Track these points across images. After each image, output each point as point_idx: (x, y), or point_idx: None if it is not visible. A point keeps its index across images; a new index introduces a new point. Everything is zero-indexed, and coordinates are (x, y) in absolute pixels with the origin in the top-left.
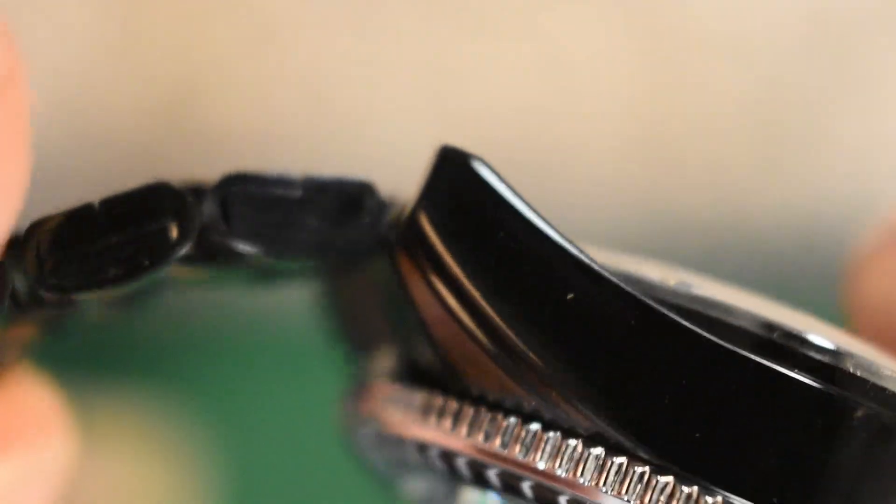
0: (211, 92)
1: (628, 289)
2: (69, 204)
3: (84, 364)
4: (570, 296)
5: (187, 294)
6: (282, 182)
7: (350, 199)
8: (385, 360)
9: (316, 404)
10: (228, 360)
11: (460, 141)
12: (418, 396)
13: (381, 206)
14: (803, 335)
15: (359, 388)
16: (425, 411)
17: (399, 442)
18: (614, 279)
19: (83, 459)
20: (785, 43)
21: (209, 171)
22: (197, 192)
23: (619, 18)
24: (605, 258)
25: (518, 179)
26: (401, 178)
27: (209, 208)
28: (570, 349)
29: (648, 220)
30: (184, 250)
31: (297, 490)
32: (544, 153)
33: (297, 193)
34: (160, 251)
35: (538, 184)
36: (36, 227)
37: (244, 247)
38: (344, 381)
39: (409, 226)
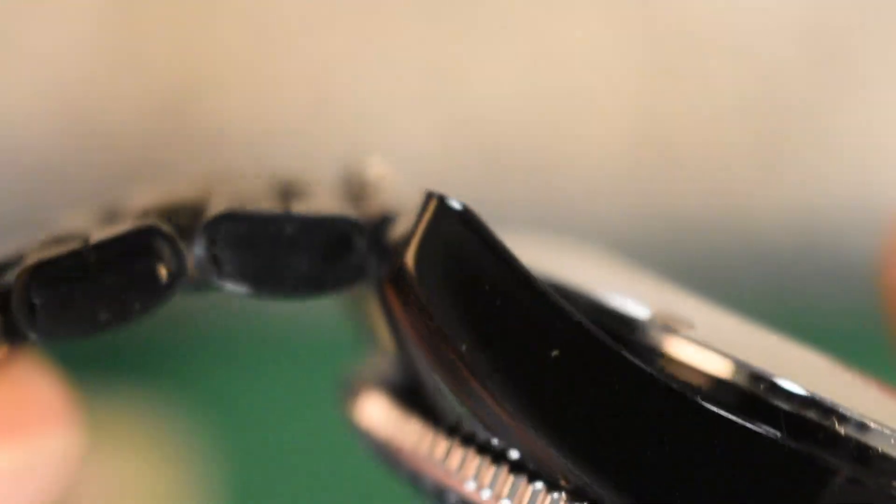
0: (211, 92)
1: (616, 347)
2: (69, 203)
3: (84, 363)
4: (554, 353)
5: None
6: (270, 220)
7: (339, 238)
8: (383, 364)
9: (320, 402)
10: (231, 357)
11: (460, 140)
12: (413, 425)
13: (371, 243)
14: (790, 388)
15: (356, 390)
16: (419, 443)
17: (393, 460)
18: (602, 336)
19: (85, 459)
20: (785, 43)
21: (209, 170)
22: (186, 233)
23: (620, 18)
24: (603, 277)
25: (518, 179)
26: (401, 177)
27: (198, 250)
28: (553, 406)
29: (648, 220)
30: (174, 294)
31: (300, 489)
32: (544, 153)
33: (286, 232)
34: (150, 295)
35: (538, 184)
36: (26, 270)
37: (233, 287)
38: (346, 380)
39: (397, 272)
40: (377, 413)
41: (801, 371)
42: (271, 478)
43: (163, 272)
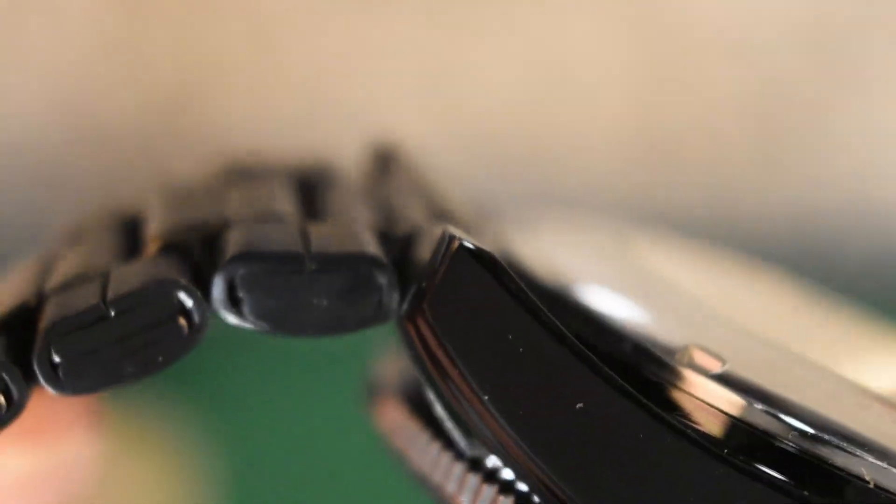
0: (211, 92)
1: (641, 400)
2: (68, 202)
3: None
4: (579, 405)
5: None
6: (289, 259)
7: (360, 276)
8: (400, 368)
9: (324, 403)
10: (233, 357)
11: (460, 137)
12: (432, 449)
13: (392, 280)
14: (820, 435)
15: (378, 393)
16: (434, 464)
17: (411, 474)
18: (627, 389)
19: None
20: (785, 40)
21: (209, 170)
22: (203, 279)
23: (619, 15)
24: (636, 286)
25: (518, 176)
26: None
27: (216, 291)
28: (576, 457)
29: (646, 218)
30: (198, 343)
31: (303, 490)
32: (544, 150)
33: (305, 271)
34: (174, 347)
35: (537, 181)
36: (45, 329)
37: (253, 327)
38: (370, 377)
39: (418, 317)
40: (397, 426)
41: (836, 406)
42: (274, 479)
43: (185, 325)
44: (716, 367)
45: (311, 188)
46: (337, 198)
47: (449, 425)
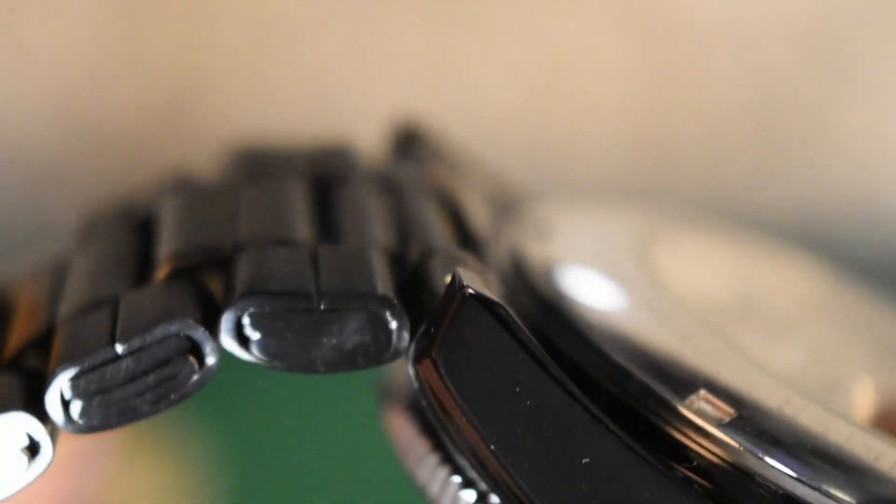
0: (211, 92)
1: (647, 456)
2: (68, 202)
3: None
4: (585, 459)
5: None
6: (299, 297)
7: (370, 316)
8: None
9: (326, 406)
10: (250, 368)
11: (460, 138)
12: (440, 474)
13: (402, 321)
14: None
15: (387, 403)
16: (441, 491)
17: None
18: (633, 445)
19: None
20: (785, 39)
21: (210, 170)
22: (213, 310)
23: (619, 13)
24: (656, 317)
25: (518, 177)
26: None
27: (226, 330)
28: None
29: None
30: (208, 379)
31: (304, 492)
32: (545, 151)
33: (316, 310)
34: (185, 385)
35: (538, 181)
36: (59, 373)
37: (262, 363)
38: (374, 390)
39: (426, 363)
40: (406, 443)
41: (848, 459)
42: (275, 481)
43: (195, 362)
44: (726, 417)
45: (325, 183)
46: (352, 200)
47: (457, 458)
